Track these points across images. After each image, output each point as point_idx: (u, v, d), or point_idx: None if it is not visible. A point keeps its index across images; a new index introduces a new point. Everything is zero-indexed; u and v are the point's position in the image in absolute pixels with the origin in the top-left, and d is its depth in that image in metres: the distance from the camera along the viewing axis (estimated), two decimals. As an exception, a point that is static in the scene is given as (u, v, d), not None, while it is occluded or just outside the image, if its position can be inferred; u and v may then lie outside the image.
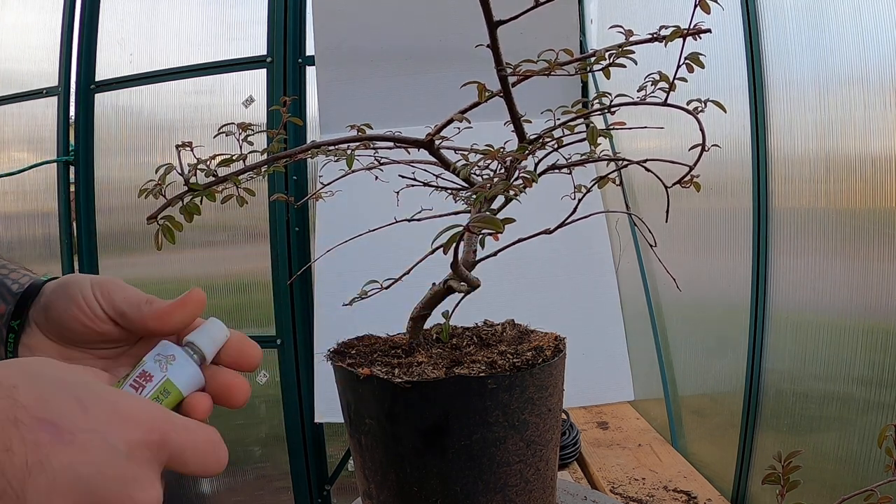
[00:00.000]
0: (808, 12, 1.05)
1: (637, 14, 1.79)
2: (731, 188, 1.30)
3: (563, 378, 0.69)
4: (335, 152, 0.69)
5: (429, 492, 0.63)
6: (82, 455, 0.36)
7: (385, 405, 0.62)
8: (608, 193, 1.90)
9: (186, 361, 0.47)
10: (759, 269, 1.17)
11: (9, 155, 2.61)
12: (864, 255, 0.92)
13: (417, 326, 0.71)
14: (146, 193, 0.57)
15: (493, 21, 0.52)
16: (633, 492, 1.25)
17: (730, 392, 1.29)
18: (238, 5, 2.32)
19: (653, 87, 0.61)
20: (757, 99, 1.16)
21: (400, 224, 0.82)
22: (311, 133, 2.24)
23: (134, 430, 0.38)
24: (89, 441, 0.36)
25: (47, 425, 0.35)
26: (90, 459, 0.36)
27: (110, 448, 0.37)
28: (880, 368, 0.88)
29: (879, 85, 0.88)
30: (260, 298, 2.28)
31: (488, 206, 0.60)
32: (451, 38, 2.05)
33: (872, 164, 0.90)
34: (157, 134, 2.38)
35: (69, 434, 0.36)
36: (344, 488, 2.33)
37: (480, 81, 0.59)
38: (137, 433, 0.38)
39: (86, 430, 0.36)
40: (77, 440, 0.36)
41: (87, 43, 2.40)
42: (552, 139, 0.68)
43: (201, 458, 0.41)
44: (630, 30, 0.57)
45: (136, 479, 0.37)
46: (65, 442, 0.35)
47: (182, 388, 0.46)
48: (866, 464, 0.90)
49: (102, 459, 0.36)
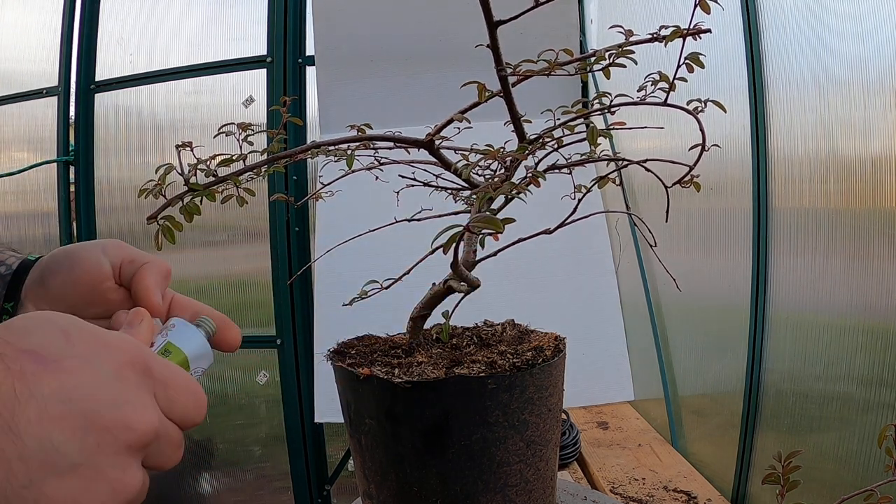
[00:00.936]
0: (808, 12, 1.05)
1: (637, 14, 1.79)
2: (731, 188, 1.30)
3: (563, 378, 0.69)
4: (335, 152, 0.69)
5: (429, 492, 0.63)
6: (70, 379, 0.35)
7: (385, 405, 0.62)
8: (608, 193, 1.90)
9: (186, 327, 0.48)
10: (759, 269, 1.17)
11: (9, 155, 2.61)
12: (864, 255, 0.92)
13: (417, 326, 0.71)
14: (146, 193, 0.57)
15: (493, 21, 0.52)
16: (633, 492, 1.25)
17: (730, 392, 1.29)
18: (238, 5, 2.32)
19: (653, 87, 0.61)
20: (757, 99, 1.16)
21: (400, 224, 0.82)
22: (311, 133, 2.24)
23: (119, 354, 0.38)
24: (76, 366, 0.36)
25: (31, 355, 0.35)
26: (79, 383, 0.35)
27: (97, 371, 0.36)
28: (880, 368, 0.88)
29: (879, 85, 0.88)
30: (260, 298, 2.28)
31: (488, 206, 0.60)
32: (451, 38, 2.05)
33: (872, 164, 0.90)
34: (157, 134, 2.39)
35: (54, 362, 0.35)
36: (344, 488, 2.33)
37: (480, 81, 0.59)
38: (123, 356, 0.38)
39: (71, 356, 0.36)
40: (63, 366, 0.35)
41: (87, 43, 2.40)
42: (552, 139, 0.68)
43: (184, 395, 0.41)
44: (630, 30, 0.57)
45: (129, 402, 0.37)
46: (50, 370, 0.35)
47: (184, 349, 0.47)
48: (866, 464, 0.90)
49: (91, 382, 0.36)
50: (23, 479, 0.33)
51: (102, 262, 0.53)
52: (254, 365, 2.31)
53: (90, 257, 0.53)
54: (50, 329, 0.37)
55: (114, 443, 0.36)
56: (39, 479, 0.33)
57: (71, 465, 0.34)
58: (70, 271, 0.53)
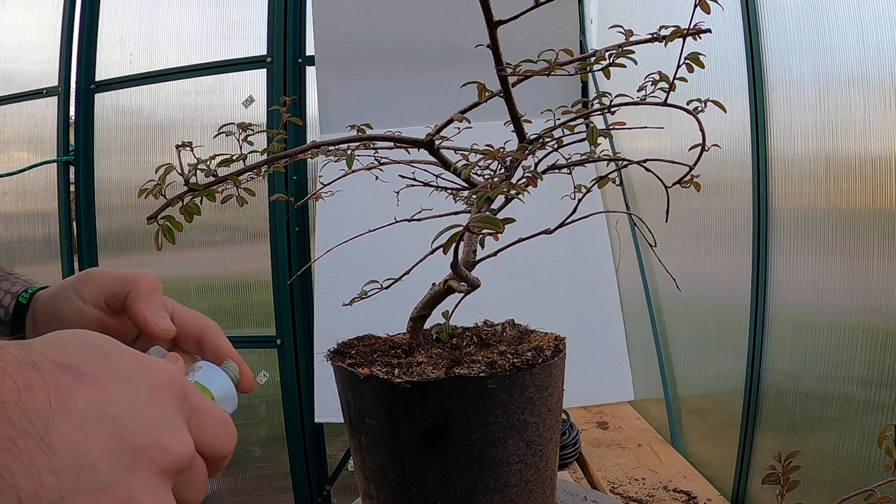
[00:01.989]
0: (808, 12, 1.05)
1: (637, 14, 1.79)
2: (731, 188, 1.30)
3: (562, 378, 0.69)
4: (335, 152, 0.69)
5: (429, 492, 0.63)
6: (107, 396, 0.34)
7: (385, 405, 0.62)
8: (608, 193, 1.90)
9: (212, 369, 0.48)
10: (758, 269, 1.17)
11: (9, 155, 2.61)
12: (864, 255, 0.92)
13: (417, 326, 0.71)
14: (146, 193, 0.57)
15: (493, 21, 0.52)
16: (633, 492, 1.25)
17: (730, 392, 1.29)
18: (238, 5, 2.32)
19: (653, 87, 0.61)
20: (757, 99, 1.16)
21: (400, 224, 0.82)
22: (311, 133, 2.24)
23: (156, 375, 0.37)
24: (113, 384, 0.35)
25: (68, 368, 0.34)
26: (115, 401, 0.34)
27: (135, 391, 0.36)
28: (880, 368, 0.88)
29: (879, 85, 0.88)
30: (260, 298, 2.28)
31: (488, 205, 0.60)
32: (450, 38, 2.05)
33: (872, 164, 0.90)
34: (157, 134, 2.39)
35: (90, 377, 0.34)
36: (344, 488, 2.33)
37: (480, 81, 0.59)
38: (160, 378, 0.37)
39: (109, 374, 0.35)
40: (100, 382, 0.35)
41: (87, 43, 2.40)
42: (552, 139, 0.68)
43: (216, 424, 0.40)
44: (630, 30, 0.57)
45: (165, 424, 0.36)
46: (87, 384, 0.34)
47: (212, 389, 0.46)
48: (866, 464, 0.90)
49: (128, 401, 0.35)
50: (53, 495, 0.31)
51: (84, 309, 0.52)
52: (254, 365, 2.31)
53: (70, 309, 0.52)
54: (88, 345, 0.36)
55: (148, 464, 0.35)
56: (70, 496, 0.32)
57: (103, 483, 0.33)
58: (54, 316, 0.52)
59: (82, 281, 0.52)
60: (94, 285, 0.52)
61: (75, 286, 0.52)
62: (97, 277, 0.52)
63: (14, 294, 0.54)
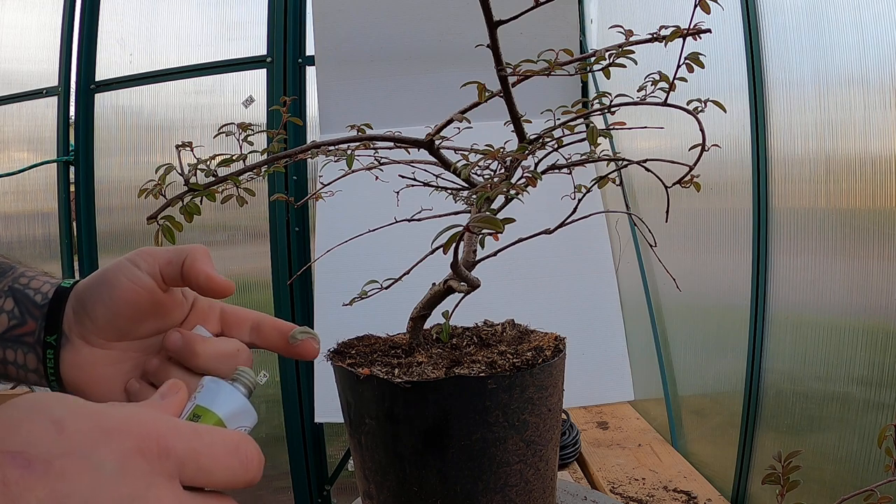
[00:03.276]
0: (808, 12, 1.05)
1: (637, 14, 1.79)
2: (731, 188, 1.30)
3: (562, 378, 0.69)
4: (335, 152, 0.69)
5: (429, 492, 0.63)
6: (63, 485, 0.30)
7: (385, 405, 0.62)
8: (608, 193, 1.90)
9: (217, 385, 0.45)
10: (758, 269, 1.17)
11: (9, 155, 2.61)
12: (864, 255, 0.92)
13: (417, 326, 0.71)
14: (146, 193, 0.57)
15: (493, 21, 0.52)
16: (633, 492, 1.25)
17: (730, 392, 1.29)
18: (238, 5, 2.32)
19: (653, 87, 0.61)
20: (757, 99, 1.16)
21: (400, 224, 0.82)
22: (311, 133, 2.24)
23: (124, 441, 0.33)
24: (70, 467, 0.31)
25: (16, 458, 0.30)
26: (73, 489, 0.30)
27: (97, 468, 0.31)
28: (880, 368, 0.88)
29: (879, 85, 0.88)
30: (260, 298, 2.28)
31: (488, 205, 0.60)
32: (450, 38, 2.05)
33: (872, 164, 0.90)
34: (157, 134, 2.38)
35: (42, 463, 0.30)
36: (344, 488, 2.33)
37: (480, 81, 0.59)
38: (129, 443, 0.33)
39: (62, 454, 0.31)
40: (53, 468, 0.30)
41: (87, 43, 2.40)
42: (552, 139, 0.68)
43: (222, 459, 0.35)
44: (630, 30, 0.57)
45: (138, 497, 0.32)
46: (38, 473, 0.30)
47: (217, 410, 0.43)
48: (866, 464, 0.90)
49: (89, 485, 0.31)
50: None
51: (140, 277, 0.49)
52: (254, 365, 2.31)
53: (126, 277, 0.49)
54: (39, 421, 0.32)
55: None
56: None
57: None
58: (110, 299, 0.49)
59: (136, 254, 0.50)
60: (148, 255, 0.50)
61: (130, 258, 0.50)
62: (151, 249, 0.51)
63: (54, 283, 0.52)
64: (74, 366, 0.50)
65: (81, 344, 0.50)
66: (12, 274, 0.52)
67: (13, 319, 0.50)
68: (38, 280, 0.52)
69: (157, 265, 0.50)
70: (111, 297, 0.49)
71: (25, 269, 0.53)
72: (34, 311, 0.50)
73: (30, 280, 0.52)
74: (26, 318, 0.50)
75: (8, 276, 0.52)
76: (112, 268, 0.50)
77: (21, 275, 0.52)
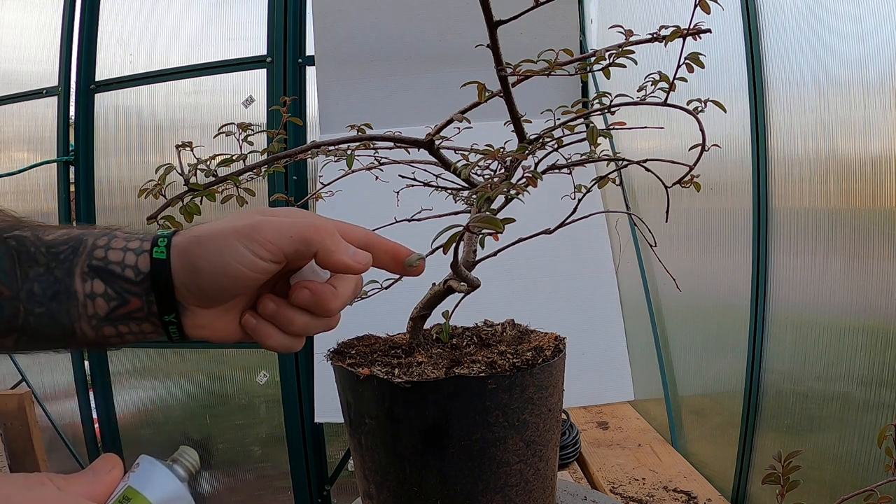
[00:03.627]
0: (808, 12, 1.05)
1: (637, 14, 1.79)
2: (731, 188, 1.30)
3: (562, 378, 0.69)
4: (335, 152, 0.69)
5: (429, 492, 0.63)
6: None
7: (385, 405, 0.62)
8: (608, 193, 1.90)
9: (153, 466, 0.43)
10: (758, 269, 1.17)
11: (9, 155, 2.61)
12: (864, 255, 0.92)
13: (417, 326, 0.71)
14: (146, 193, 0.57)
15: (493, 21, 0.52)
16: (633, 492, 1.25)
17: (730, 392, 1.29)
18: (238, 5, 2.32)
19: (653, 87, 0.61)
20: (757, 99, 1.16)
21: (400, 224, 0.82)
22: (311, 133, 2.24)
23: None
24: None
25: None
26: None
27: None
28: (880, 368, 0.88)
29: (879, 85, 0.88)
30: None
31: (488, 205, 0.60)
32: (450, 38, 2.05)
33: (872, 164, 0.90)
34: (157, 134, 2.39)
35: None
36: (344, 488, 2.33)
37: (480, 81, 0.59)
38: None
39: None
40: None
41: (87, 43, 2.40)
42: (552, 139, 0.68)
43: None
44: (630, 30, 0.57)
45: None
46: None
47: (148, 495, 0.41)
48: (866, 464, 0.90)
49: None
50: None
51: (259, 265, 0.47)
52: (254, 365, 2.31)
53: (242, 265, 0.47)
54: None
55: None
56: None
57: None
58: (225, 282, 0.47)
59: (253, 239, 0.47)
60: (271, 245, 0.48)
61: (247, 243, 0.47)
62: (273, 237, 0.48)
63: (138, 251, 0.49)
64: (195, 327, 0.50)
65: (197, 310, 0.50)
66: (84, 249, 0.49)
67: (112, 301, 0.48)
68: (115, 251, 0.49)
69: (282, 253, 0.48)
70: (225, 281, 0.48)
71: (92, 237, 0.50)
72: (132, 289, 0.48)
73: (105, 252, 0.49)
74: (126, 297, 0.48)
75: (81, 255, 0.48)
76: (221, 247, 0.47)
77: (93, 247, 0.49)
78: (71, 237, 0.49)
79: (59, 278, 0.48)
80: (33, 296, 0.47)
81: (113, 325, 0.49)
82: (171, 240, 0.49)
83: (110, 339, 0.49)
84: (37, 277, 0.47)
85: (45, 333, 0.48)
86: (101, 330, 0.49)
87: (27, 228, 0.49)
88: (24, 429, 1.79)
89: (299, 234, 0.48)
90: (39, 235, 0.49)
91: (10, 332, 0.48)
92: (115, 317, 0.48)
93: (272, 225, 0.48)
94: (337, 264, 0.49)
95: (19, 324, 0.47)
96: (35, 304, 0.47)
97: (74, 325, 0.48)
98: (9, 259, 0.47)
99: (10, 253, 0.48)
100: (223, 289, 0.48)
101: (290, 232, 0.48)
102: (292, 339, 0.52)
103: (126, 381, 2.47)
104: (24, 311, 0.47)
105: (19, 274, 0.47)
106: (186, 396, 2.43)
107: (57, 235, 0.49)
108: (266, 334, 0.51)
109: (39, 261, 0.48)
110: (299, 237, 0.48)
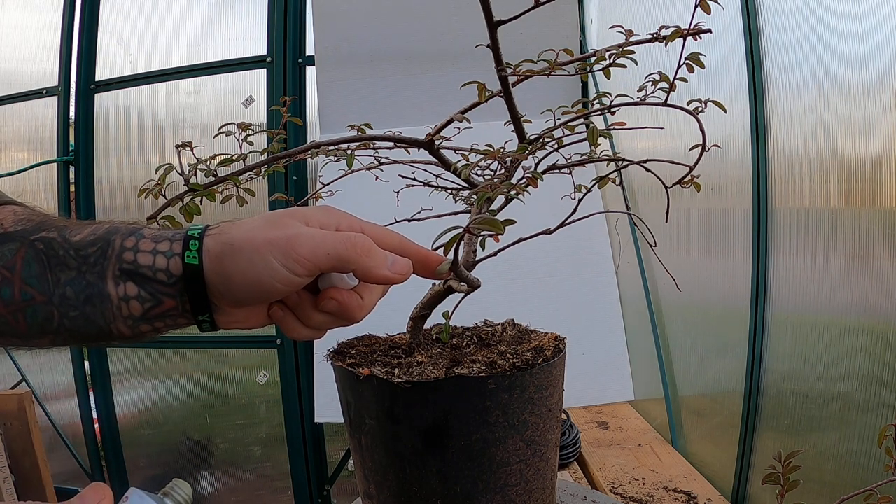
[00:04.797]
0: (808, 12, 1.05)
1: (637, 14, 1.79)
2: (731, 188, 1.30)
3: (562, 378, 0.69)
4: (335, 152, 0.69)
5: (429, 492, 0.63)
6: None
7: (385, 405, 0.62)
8: (608, 193, 1.90)
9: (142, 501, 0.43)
10: (759, 269, 1.17)
11: (9, 155, 2.61)
12: (864, 255, 0.92)
13: (417, 326, 0.71)
14: (146, 193, 0.57)
15: (493, 21, 0.52)
16: (633, 492, 1.25)
17: (730, 392, 1.29)
18: (238, 5, 2.32)
19: (653, 87, 0.61)
20: (757, 99, 1.16)
21: (400, 224, 0.82)
22: (311, 133, 2.24)
23: None
24: None
25: None
26: None
27: None
28: (880, 368, 0.88)
29: (879, 85, 0.88)
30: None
31: (488, 206, 0.60)
32: (450, 39, 2.05)
33: (872, 164, 0.90)
34: (157, 134, 2.39)
35: None
36: (344, 488, 2.33)
37: (480, 81, 0.59)
38: None
39: None
40: None
41: (87, 43, 2.40)
42: (552, 139, 0.68)
43: None
44: (630, 30, 0.57)
45: None
46: None
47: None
48: (866, 464, 0.90)
49: None
50: None
51: (294, 280, 0.48)
52: (254, 365, 2.31)
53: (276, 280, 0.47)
54: None
55: None
56: None
57: None
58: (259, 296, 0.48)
59: (289, 256, 0.47)
60: (307, 262, 0.48)
61: (282, 260, 0.47)
62: (308, 254, 0.48)
63: (168, 254, 0.48)
64: (227, 322, 0.51)
65: (229, 309, 0.51)
66: (112, 252, 0.48)
67: (146, 302, 0.49)
68: (144, 254, 0.49)
69: (318, 269, 0.49)
70: (257, 292, 0.48)
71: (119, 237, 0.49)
72: (165, 290, 0.48)
73: (135, 255, 0.49)
74: (160, 297, 0.49)
75: (111, 258, 0.48)
76: (255, 261, 0.47)
77: (122, 249, 0.49)
78: (98, 237, 0.49)
79: (91, 282, 0.48)
80: (67, 300, 0.47)
81: (149, 323, 0.50)
82: (202, 242, 0.48)
83: (146, 333, 0.51)
84: (69, 282, 0.48)
85: (81, 334, 0.49)
86: (137, 328, 0.50)
87: (52, 228, 0.49)
88: (24, 429, 1.79)
89: (336, 252, 0.49)
90: (66, 236, 0.49)
91: (46, 333, 0.48)
92: (150, 316, 0.49)
93: (308, 240, 0.48)
94: (378, 279, 0.50)
95: (54, 326, 0.48)
96: (69, 307, 0.48)
97: (110, 325, 0.49)
98: (39, 264, 0.47)
99: (39, 257, 0.48)
100: (255, 298, 0.49)
101: (326, 248, 0.48)
102: (313, 331, 0.54)
103: (126, 381, 2.47)
104: (59, 315, 0.48)
105: (51, 279, 0.47)
106: (186, 396, 2.43)
107: (84, 235, 0.49)
108: (292, 327, 0.53)
109: (70, 264, 0.48)
110: (336, 255, 0.49)
